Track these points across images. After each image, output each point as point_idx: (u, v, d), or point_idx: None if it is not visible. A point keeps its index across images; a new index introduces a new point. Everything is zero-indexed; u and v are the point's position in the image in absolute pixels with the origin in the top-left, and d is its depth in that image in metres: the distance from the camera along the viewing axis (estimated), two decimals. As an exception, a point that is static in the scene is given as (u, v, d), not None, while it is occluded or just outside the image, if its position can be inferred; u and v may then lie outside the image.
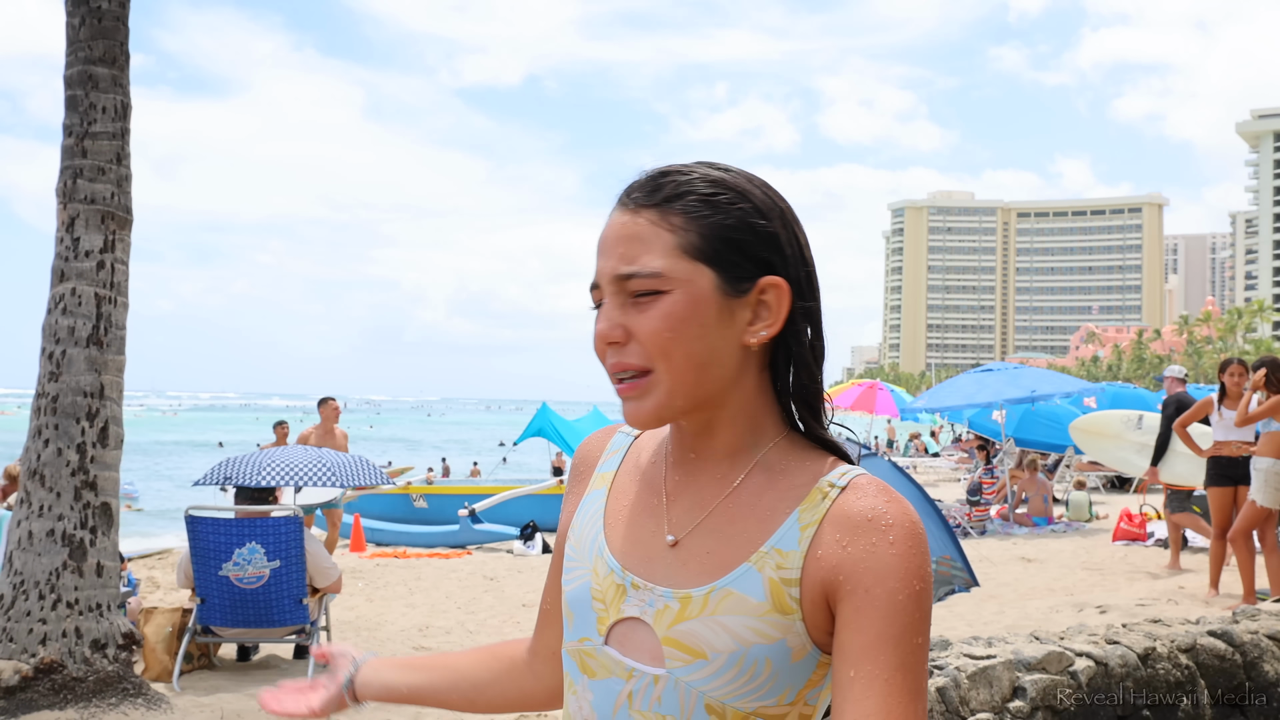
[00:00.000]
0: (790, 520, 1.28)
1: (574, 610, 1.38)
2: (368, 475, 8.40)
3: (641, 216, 1.30)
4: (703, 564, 1.30)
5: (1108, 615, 8.56)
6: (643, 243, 1.29)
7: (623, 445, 1.48)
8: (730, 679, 1.25)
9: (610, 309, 1.30)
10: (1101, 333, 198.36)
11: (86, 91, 6.58)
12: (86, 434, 6.40)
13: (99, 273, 6.54)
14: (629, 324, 1.29)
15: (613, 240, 1.32)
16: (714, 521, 1.32)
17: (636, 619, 1.32)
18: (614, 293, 1.30)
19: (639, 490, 1.41)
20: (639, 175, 1.36)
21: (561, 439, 20.20)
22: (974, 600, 9.63)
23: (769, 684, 1.26)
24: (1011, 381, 17.16)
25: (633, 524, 1.38)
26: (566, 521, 1.48)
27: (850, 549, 1.24)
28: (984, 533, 15.60)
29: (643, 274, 1.28)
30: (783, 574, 1.26)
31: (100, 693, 6.09)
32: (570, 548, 1.43)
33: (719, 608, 1.26)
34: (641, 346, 1.28)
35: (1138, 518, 14.34)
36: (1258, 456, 8.97)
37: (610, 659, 1.33)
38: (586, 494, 1.46)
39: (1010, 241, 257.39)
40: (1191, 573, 11.17)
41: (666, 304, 1.27)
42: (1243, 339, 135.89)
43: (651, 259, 1.28)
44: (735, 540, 1.30)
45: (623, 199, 1.34)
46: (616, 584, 1.34)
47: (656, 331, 1.27)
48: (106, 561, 6.39)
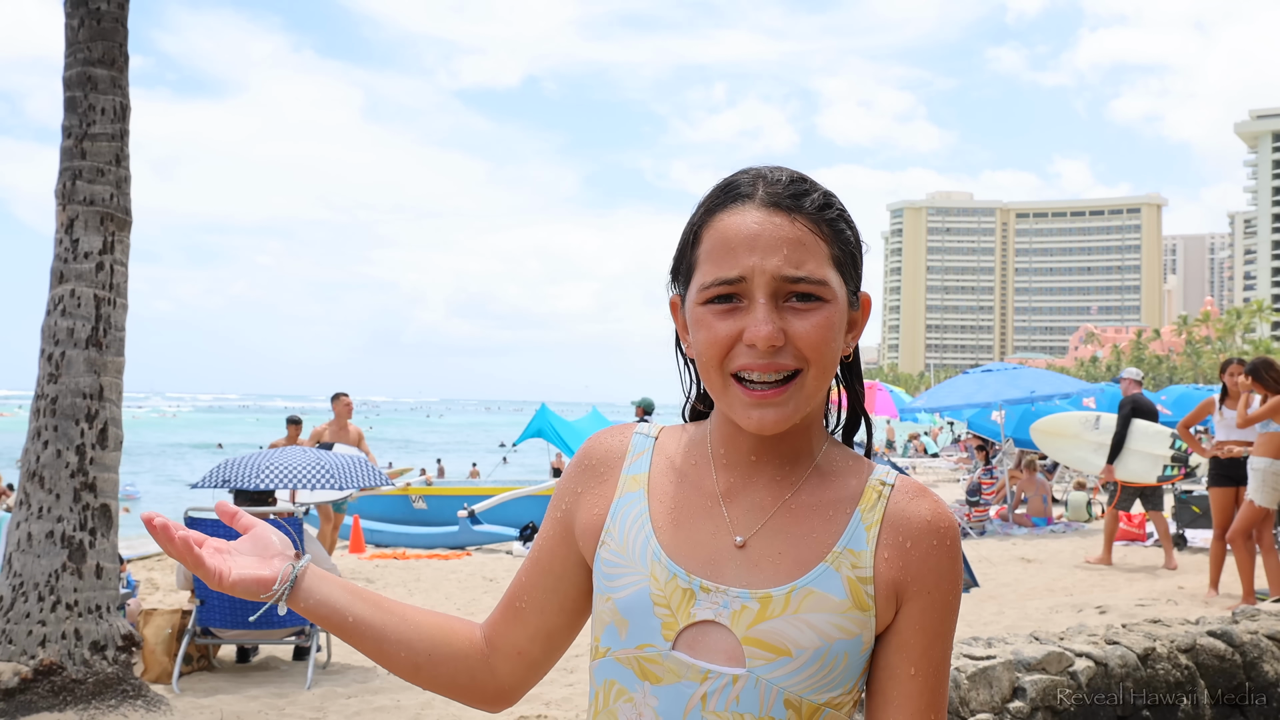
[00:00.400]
0: (854, 520, 1.36)
1: (630, 617, 1.35)
2: (367, 477, 8.39)
3: (799, 222, 1.33)
4: (776, 565, 1.34)
5: (1107, 615, 8.56)
6: (806, 249, 1.32)
7: (646, 446, 1.47)
8: (811, 674, 1.30)
9: (768, 310, 1.30)
10: (1100, 333, 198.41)
11: (85, 93, 6.58)
12: (86, 436, 6.40)
13: (98, 274, 6.53)
14: (786, 328, 1.31)
15: (773, 239, 1.31)
16: (778, 523, 1.36)
17: (709, 621, 1.32)
18: (770, 293, 1.31)
19: (684, 492, 1.41)
20: (754, 173, 1.38)
21: (561, 440, 20.18)
22: (974, 601, 9.63)
23: (842, 676, 1.32)
24: (1010, 382, 17.17)
25: (687, 527, 1.38)
26: (587, 520, 1.44)
27: (914, 550, 1.34)
28: (983, 533, 15.60)
29: (812, 280, 1.31)
30: (858, 573, 1.33)
31: (99, 694, 6.09)
32: (612, 553, 1.39)
33: (802, 606, 1.31)
34: (800, 352, 1.31)
35: (1137, 518, 14.35)
36: (1255, 456, 8.98)
37: (680, 663, 1.32)
38: (618, 496, 1.43)
39: (1009, 242, 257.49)
40: (1190, 573, 11.18)
41: (827, 312, 1.32)
42: (1241, 339, 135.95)
43: (818, 267, 1.32)
44: (805, 541, 1.35)
45: (763, 198, 1.34)
46: (683, 588, 1.34)
47: (820, 341, 1.31)
48: (106, 563, 6.39)
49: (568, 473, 1.50)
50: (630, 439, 1.48)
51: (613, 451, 1.47)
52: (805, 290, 1.31)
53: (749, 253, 1.31)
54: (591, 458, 1.48)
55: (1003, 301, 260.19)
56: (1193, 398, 25.98)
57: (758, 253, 1.30)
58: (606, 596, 1.38)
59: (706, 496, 1.39)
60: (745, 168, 1.40)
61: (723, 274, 1.32)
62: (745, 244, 1.31)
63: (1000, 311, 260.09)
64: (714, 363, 1.33)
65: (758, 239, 1.31)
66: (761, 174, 1.37)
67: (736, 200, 1.35)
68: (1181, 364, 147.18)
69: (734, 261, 1.31)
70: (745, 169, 1.40)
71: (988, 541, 14.73)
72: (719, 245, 1.33)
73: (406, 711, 6.49)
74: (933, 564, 1.34)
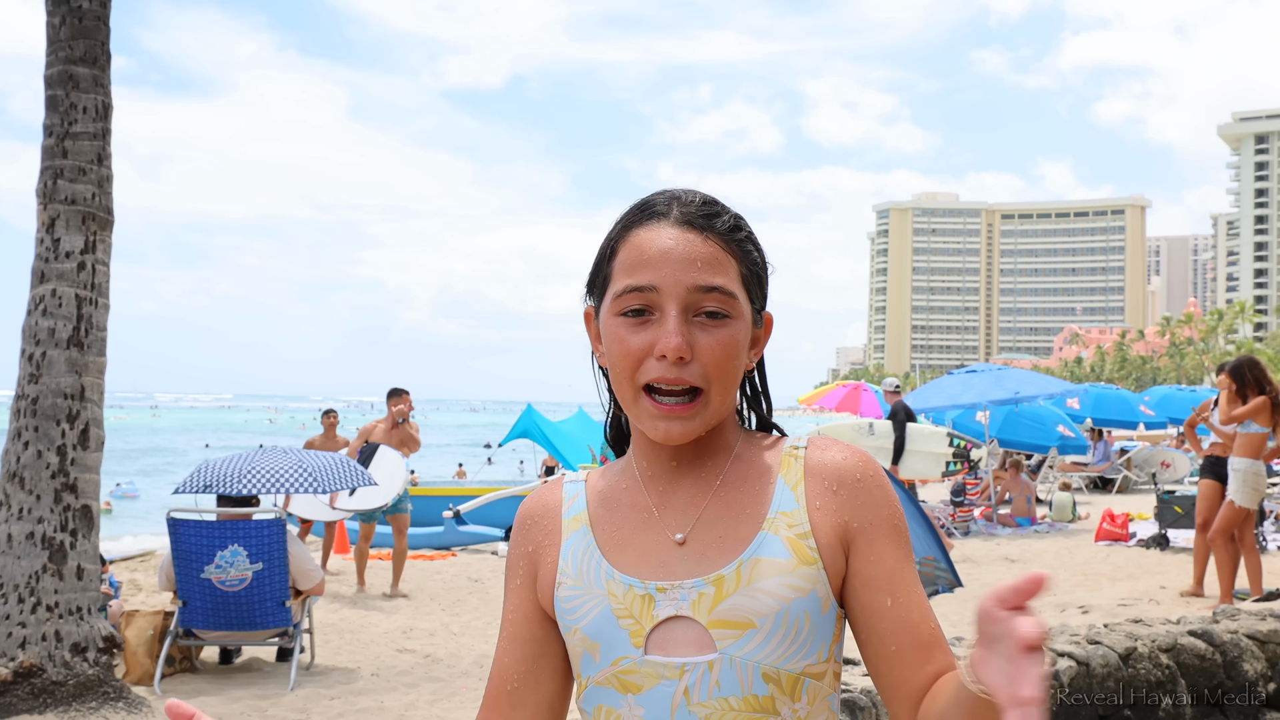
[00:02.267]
0: (779, 485, 1.41)
1: (598, 639, 1.39)
2: (352, 479, 8.36)
3: (711, 240, 1.39)
4: (720, 548, 1.38)
5: (1090, 615, 8.59)
6: (718, 264, 1.38)
7: (577, 490, 1.52)
8: (778, 641, 1.34)
9: (679, 322, 1.35)
10: (1085, 334, 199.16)
11: (67, 91, 6.55)
12: (67, 436, 6.37)
13: (79, 274, 6.51)
14: (693, 342, 1.36)
15: (686, 254, 1.38)
16: (712, 511, 1.41)
17: (673, 618, 1.36)
18: (682, 305, 1.36)
19: (621, 514, 1.46)
20: (668, 195, 1.44)
21: (547, 440, 20.14)
22: (958, 601, 9.64)
23: (810, 640, 1.35)
24: (995, 382, 17.21)
25: (630, 542, 1.43)
26: (545, 572, 1.47)
27: (842, 491, 1.40)
28: (968, 533, 15.63)
29: (724, 291, 1.37)
30: (796, 530, 1.38)
31: (80, 696, 6.07)
32: (570, 589, 1.43)
33: (753, 576, 1.35)
34: (703, 368, 1.36)
35: (1120, 518, 14.41)
36: (1235, 457, 9.03)
37: (655, 665, 1.36)
38: (565, 540, 1.47)
39: (994, 243, 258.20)
40: (1172, 573, 11.22)
41: (732, 330, 1.38)
42: (1224, 340, 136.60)
43: (728, 282, 1.38)
44: (740, 518, 1.40)
45: (676, 216, 1.40)
46: (640, 595, 1.38)
47: (723, 358, 1.37)
48: (87, 564, 6.36)
49: (514, 540, 1.53)
50: (562, 489, 1.53)
51: (550, 505, 1.52)
52: (715, 305, 1.37)
53: (662, 264, 1.37)
54: (532, 516, 1.52)
55: (988, 302, 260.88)
56: (1175, 398, 26.14)
57: (670, 265, 1.37)
58: (573, 630, 1.42)
59: (642, 511, 1.44)
60: (661, 190, 1.46)
61: (635, 281, 1.37)
62: (659, 256, 1.37)
63: (985, 312, 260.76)
64: (626, 375, 1.38)
65: (671, 252, 1.37)
66: (676, 195, 1.43)
67: (652, 218, 1.41)
68: (1165, 365, 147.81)
69: (647, 271, 1.37)
70: (661, 191, 1.46)
71: (972, 541, 14.77)
72: (634, 257, 1.39)
73: (390, 713, 6.47)
74: (865, 497, 1.39)
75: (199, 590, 7.28)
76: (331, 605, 10.14)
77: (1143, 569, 11.66)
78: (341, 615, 9.80)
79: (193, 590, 7.29)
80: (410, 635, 9.03)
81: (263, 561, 7.30)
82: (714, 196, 1.45)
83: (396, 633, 9.14)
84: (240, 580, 7.28)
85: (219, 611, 7.32)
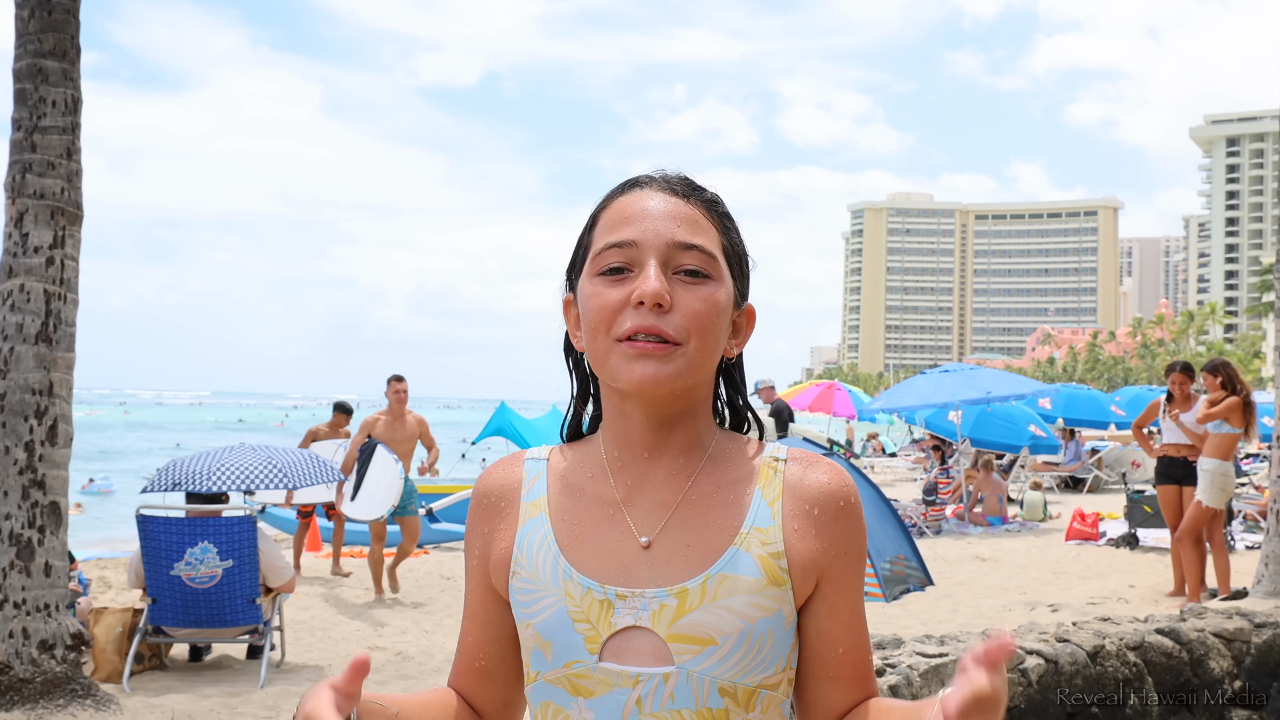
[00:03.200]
0: (756, 499, 1.37)
1: (552, 639, 1.35)
2: (321, 474, 8.33)
3: (693, 205, 1.38)
4: (686, 558, 1.34)
5: (1059, 614, 8.65)
6: (699, 225, 1.37)
7: (539, 471, 1.46)
8: (739, 658, 1.31)
9: (657, 271, 1.33)
10: (1057, 334, 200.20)
11: (36, 85, 6.50)
12: (35, 432, 6.32)
13: (48, 269, 6.46)
14: (674, 295, 1.33)
15: (666, 213, 1.37)
16: (682, 516, 1.37)
17: (632, 627, 1.32)
18: (663, 260, 1.34)
19: (584, 506, 1.41)
20: (658, 171, 1.43)
21: (520, 437, 20.15)
22: (928, 599, 9.69)
23: (770, 655, 1.33)
24: (968, 382, 17.28)
25: (592, 539, 1.38)
26: (498, 557, 1.43)
27: (823, 516, 1.37)
28: (939, 532, 15.70)
29: (705, 250, 1.35)
30: (769, 549, 1.34)
31: (48, 694, 6.02)
32: (524, 581, 1.39)
33: (718, 593, 1.31)
34: (683, 320, 1.32)
35: (1090, 517, 14.51)
36: (1204, 458, 9.11)
37: (609, 673, 1.32)
38: (521, 525, 1.42)
39: (968, 243, 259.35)
40: (1141, 572, 11.31)
41: (712, 289, 1.35)
42: (1195, 341, 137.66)
43: (709, 243, 1.37)
44: (711, 529, 1.36)
45: (659, 184, 1.40)
46: (599, 600, 1.34)
47: (703, 313, 1.33)
48: (55, 561, 6.31)
49: (470, 518, 1.48)
50: (523, 467, 1.47)
51: (508, 484, 1.46)
52: (695, 263, 1.34)
53: (642, 219, 1.35)
54: (489, 495, 1.47)
55: (961, 302, 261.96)
56: (1146, 399, 26.30)
57: (650, 220, 1.35)
58: (526, 624, 1.38)
59: (607, 505, 1.39)
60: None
61: (615, 238, 1.35)
62: (639, 214, 1.36)
63: (959, 312, 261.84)
64: (602, 328, 1.33)
65: (651, 210, 1.36)
66: (660, 171, 1.43)
67: (636, 186, 1.41)
68: (1136, 366, 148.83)
69: (627, 228, 1.35)
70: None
71: (943, 540, 14.83)
72: (615, 218, 1.38)
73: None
74: (844, 526, 1.37)
75: (168, 587, 7.24)
76: (302, 603, 10.10)
77: (1112, 568, 11.75)
78: (312, 613, 9.76)
79: (162, 587, 7.25)
80: (382, 633, 9.00)
81: (233, 559, 7.26)
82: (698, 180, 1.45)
83: (368, 630, 9.11)
84: (210, 577, 7.24)
85: (189, 609, 7.27)
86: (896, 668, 4.46)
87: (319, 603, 10.34)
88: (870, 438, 40.91)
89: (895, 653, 4.65)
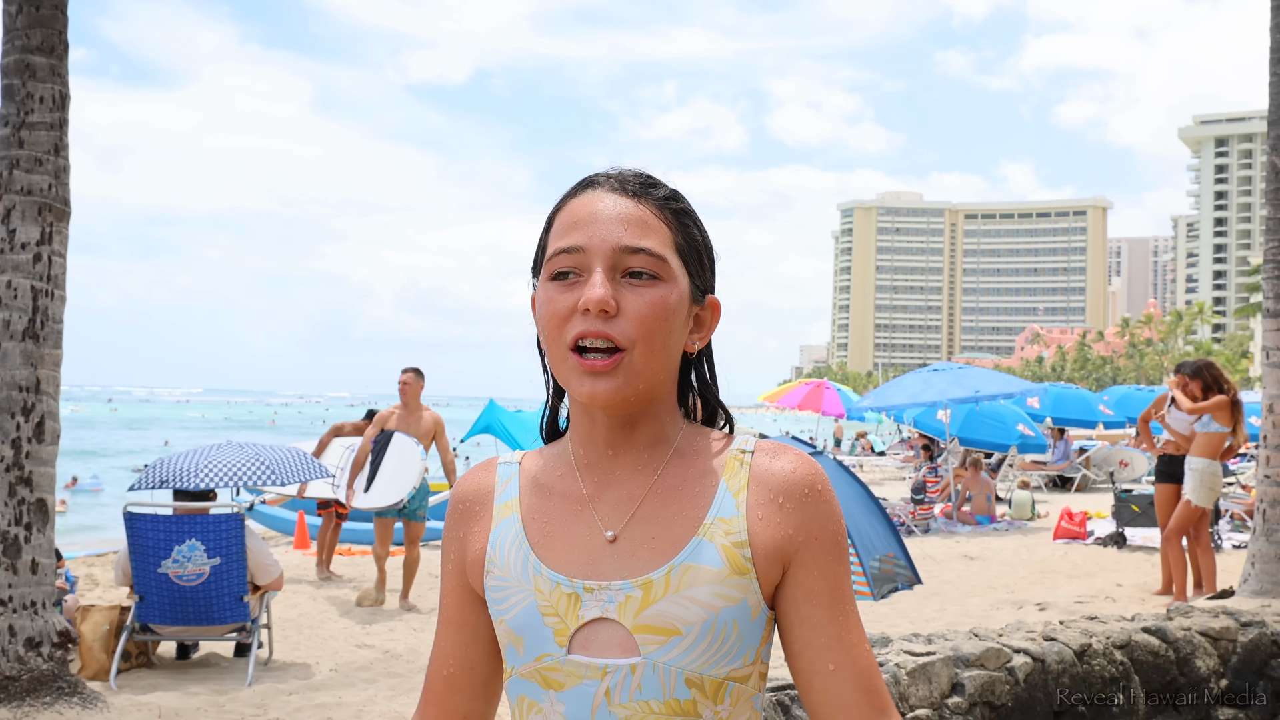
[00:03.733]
0: (720, 490, 1.39)
1: (522, 634, 1.38)
2: (307, 471, 8.32)
3: (644, 205, 1.38)
4: (651, 549, 1.36)
5: (1047, 613, 8.67)
6: (648, 226, 1.37)
7: (511, 474, 1.50)
8: (704, 648, 1.32)
9: (602, 277, 1.33)
10: (1046, 334, 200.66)
11: (24, 81, 6.48)
12: (22, 429, 6.30)
13: (35, 265, 6.43)
14: (620, 300, 1.33)
15: (614, 216, 1.36)
16: (647, 509, 1.39)
17: (598, 619, 1.35)
18: (610, 265, 1.34)
19: (554, 504, 1.44)
20: (614, 169, 1.43)
21: (509, 435, 20.11)
22: (916, 598, 9.72)
23: (736, 646, 1.34)
24: (956, 381, 17.32)
25: (561, 535, 1.41)
26: (473, 557, 1.46)
27: (788, 504, 1.37)
28: (928, 531, 15.73)
29: (652, 253, 1.35)
30: (732, 538, 1.35)
31: (34, 692, 6.00)
32: (497, 579, 1.42)
33: (682, 583, 1.33)
34: (630, 325, 1.33)
35: (1078, 516, 14.55)
36: (1192, 456, 9.13)
37: (578, 665, 1.35)
38: (494, 525, 1.46)
39: (958, 243, 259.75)
40: (1128, 570, 11.34)
41: (662, 291, 1.35)
42: (1183, 341, 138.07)
43: (659, 245, 1.36)
44: (675, 520, 1.37)
45: (612, 183, 1.40)
46: (566, 594, 1.36)
47: (650, 316, 1.34)
48: (41, 558, 6.29)
49: (447, 523, 1.52)
50: (496, 471, 1.51)
51: (483, 488, 1.50)
52: (642, 266, 1.34)
53: (590, 224, 1.36)
54: (465, 500, 1.51)
55: (951, 301, 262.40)
56: (1134, 398, 26.41)
57: (597, 225, 1.36)
58: (500, 620, 1.42)
59: (575, 502, 1.42)
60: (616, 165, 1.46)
61: (564, 243, 1.36)
62: (588, 218, 1.37)
63: (948, 311, 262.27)
64: (554, 334, 1.36)
65: (599, 214, 1.37)
66: (616, 168, 1.44)
67: (589, 186, 1.41)
68: (1124, 365, 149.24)
69: (576, 233, 1.36)
70: (616, 166, 1.45)
71: (932, 539, 14.87)
72: (566, 222, 1.39)
73: (349, 708, 6.44)
74: (812, 511, 1.38)
75: (156, 585, 7.22)
76: (290, 600, 10.08)
77: (1100, 567, 11.79)
78: (300, 611, 9.75)
79: (150, 585, 7.23)
80: (369, 631, 8.99)
81: (220, 556, 7.24)
82: (652, 175, 1.44)
83: (355, 628, 9.10)
84: (198, 575, 7.22)
85: (176, 606, 7.26)
86: (884, 666, 4.46)
87: (306, 601, 10.32)
88: (859, 436, 40.98)
89: (882, 651, 4.66)
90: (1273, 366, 8.35)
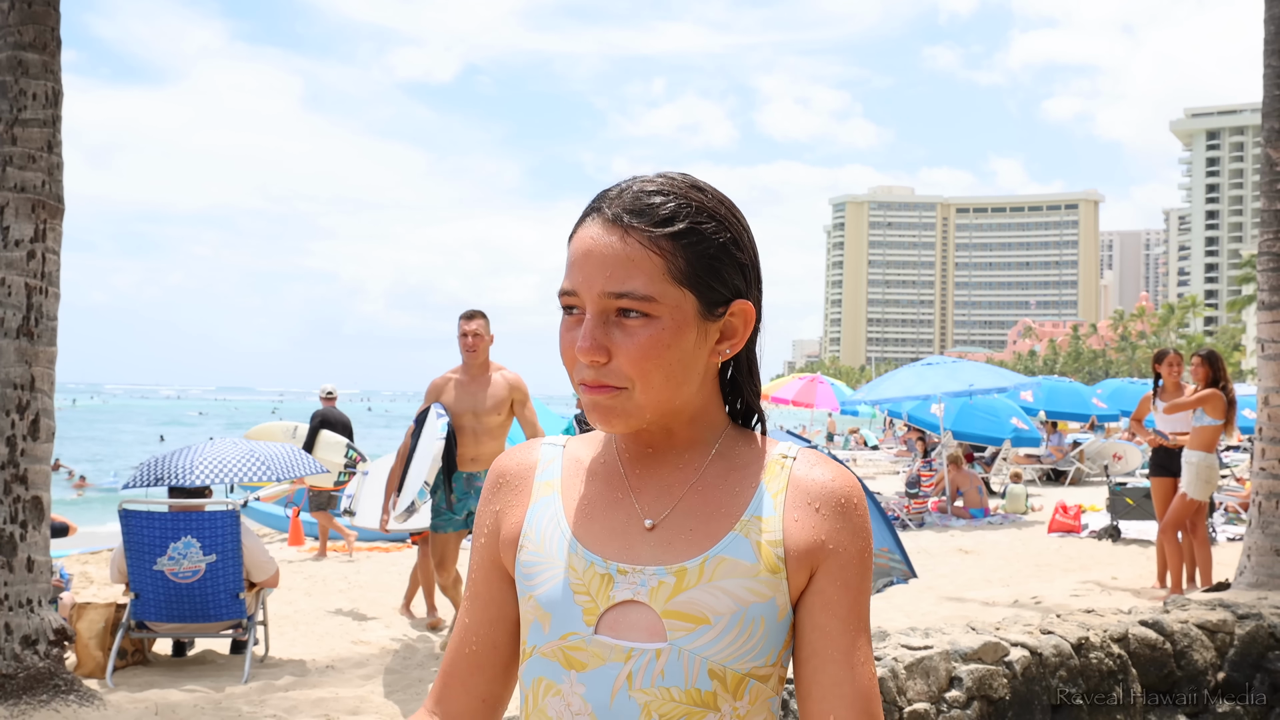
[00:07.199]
0: (760, 490, 1.41)
1: (552, 610, 1.39)
2: (302, 467, 8.30)
3: (632, 238, 1.35)
4: (688, 540, 1.38)
5: (1043, 606, 8.68)
6: (634, 265, 1.34)
7: (555, 454, 1.52)
8: (731, 640, 1.34)
9: (593, 326, 1.34)
10: (1038, 327, 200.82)
11: (16, 78, 6.45)
12: (17, 427, 6.28)
13: (29, 263, 6.41)
14: (612, 344, 1.34)
15: (600, 257, 1.35)
16: (687, 504, 1.41)
17: (629, 602, 1.36)
18: (599, 308, 1.34)
19: (595, 488, 1.45)
20: (618, 186, 1.40)
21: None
22: (912, 592, 9.71)
23: (761, 643, 1.36)
24: (950, 375, 17.32)
25: (600, 518, 1.43)
26: (508, 531, 1.48)
27: (823, 511, 1.39)
28: (922, 525, 15.74)
29: (635, 296, 1.33)
30: (768, 537, 1.37)
31: (30, 689, 5.99)
32: (530, 554, 1.43)
33: (715, 573, 1.35)
34: (622, 369, 1.34)
35: (1072, 510, 14.57)
36: (1188, 450, 9.13)
37: (603, 646, 1.36)
38: (533, 503, 1.47)
39: (950, 237, 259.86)
40: (1124, 564, 11.36)
41: (653, 330, 1.34)
42: (1175, 334, 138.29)
43: (644, 283, 1.34)
44: (714, 516, 1.40)
45: (606, 213, 1.37)
46: (600, 574, 1.38)
47: (641, 359, 1.34)
48: (37, 556, 6.28)
49: (484, 497, 1.52)
50: (540, 450, 1.52)
51: (524, 464, 1.51)
52: (630, 306, 1.34)
53: (581, 268, 1.36)
54: (505, 475, 1.52)
55: (943, 295, 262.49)
56: (1127, 391, 26.46)
57: (586, 269, 1.36)
58: (528, 596, 1.42)
59: (617, 489, 1.44)
60: (621, 179, 1.44)
61: (564, 285, 1.39)
62: (580, 259, 1.37)
63: (940, 305, 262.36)
64: (567, 366, 1.40)
65: (589, 256, 1.36)
66: (623, 187, 1.40)
67: (591, 214, 1.40)
68: (1117, 359, 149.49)
69: (572, 275, 1.38)
70: (619, 181, 1.43)
71: (926, 533, 14.87)
72: (570, 257, 1.40)
73: (344, 704, 6.44)
74: (845, 523, 1.39)
75: (151, 582, 7.20)
76: (286, 597, 10.07)
77: (1095, 560, 11.80)
78: (296, 607, 9.74)
79: (145, 582, 7.21)
80: (366, 627, 8.98)
81: (216, 553, 7.23)
82: (666, 185, 1.39)
83: (352, 624, 9.09)
84: (193, 572, 7.21)
85: (172, 603, 7.24)
86: (881, 660, 4.47)
87: (302, 597, 10.31)
88: (852, 431, 40.99)
89: (880, 645, 4.66)
90: (1268, 359, 8.36)
